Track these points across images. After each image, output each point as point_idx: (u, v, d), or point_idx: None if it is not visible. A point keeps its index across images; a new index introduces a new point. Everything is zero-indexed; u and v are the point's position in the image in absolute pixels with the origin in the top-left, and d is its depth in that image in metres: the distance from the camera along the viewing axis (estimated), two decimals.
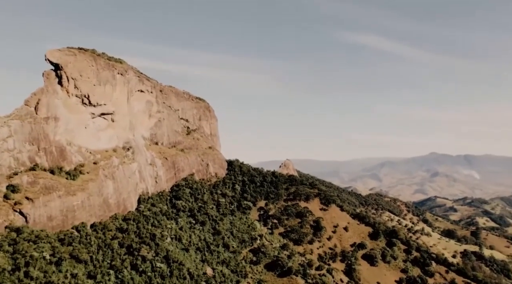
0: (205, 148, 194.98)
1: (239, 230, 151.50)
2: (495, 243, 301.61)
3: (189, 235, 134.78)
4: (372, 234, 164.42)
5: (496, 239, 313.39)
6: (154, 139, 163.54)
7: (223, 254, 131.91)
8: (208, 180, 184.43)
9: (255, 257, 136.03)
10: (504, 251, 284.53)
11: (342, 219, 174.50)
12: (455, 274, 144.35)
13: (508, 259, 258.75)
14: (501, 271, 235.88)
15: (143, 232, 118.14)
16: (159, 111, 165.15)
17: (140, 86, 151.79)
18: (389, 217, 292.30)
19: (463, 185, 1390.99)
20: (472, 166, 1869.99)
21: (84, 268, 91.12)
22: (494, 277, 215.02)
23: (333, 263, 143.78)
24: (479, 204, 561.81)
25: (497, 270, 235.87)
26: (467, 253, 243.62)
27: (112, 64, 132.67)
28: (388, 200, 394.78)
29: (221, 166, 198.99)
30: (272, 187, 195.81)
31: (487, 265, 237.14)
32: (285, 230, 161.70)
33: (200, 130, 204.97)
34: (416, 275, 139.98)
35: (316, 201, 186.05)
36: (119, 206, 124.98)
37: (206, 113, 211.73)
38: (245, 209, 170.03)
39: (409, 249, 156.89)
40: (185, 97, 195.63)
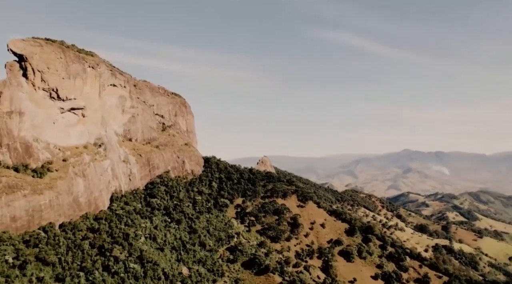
0: (181, 144, 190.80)
1: (216, 228, 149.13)
2: (464, 236, 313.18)
3: (164, 234, 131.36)
4: (349, 231, 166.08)
5: (464, 233, 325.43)
6: (127, 135, 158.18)
7: (199, 253, 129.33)
8: (184, 178, 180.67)
9: (232, 255, 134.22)
10: (472, 244, 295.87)
11: (319, 215, 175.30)
12: (428, 269, 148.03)
13: (476, 252, 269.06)
14: (469, 264, 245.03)
15: (116, 232, 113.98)
16: (133, 107, 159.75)
17: (112, 80, 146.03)
18: (365, 213, 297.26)
19: (434, 181, 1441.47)
20: (442, 163, 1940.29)
21: (52, 271, 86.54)
22: (463, 270, 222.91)
23: (310, 260, 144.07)
24: (449, 199, 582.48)
25: (465, 262, 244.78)
26: (438, 247, 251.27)
27: (82, 57, 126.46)
28: (364, 196, 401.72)
29: (198, 163, 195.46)
30: (249, 184, 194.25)
31: (456, 258, 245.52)
32: (263, 227, 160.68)
33: (176, 126, 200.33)
34: (391, 270, 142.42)
35: (293, 198, 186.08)
36: (90, 205, 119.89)
37: (182, 109, 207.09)
38: (222, 207, 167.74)
39: (384, 245, 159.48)
40: (160, 92, 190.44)
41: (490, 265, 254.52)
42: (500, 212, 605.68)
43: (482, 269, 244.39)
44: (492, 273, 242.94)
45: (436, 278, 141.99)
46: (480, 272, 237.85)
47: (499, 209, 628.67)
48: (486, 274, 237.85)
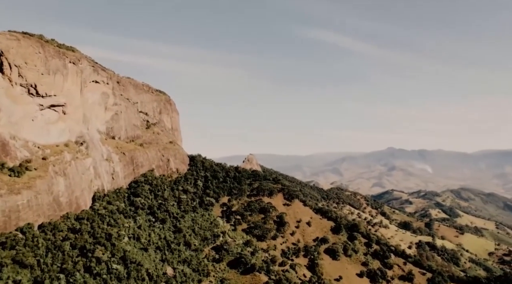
0: (166, 142, 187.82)
1: (201, 228, 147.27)
2: (446, 233, 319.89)
3: (148, 233, 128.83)
4: (334, 229, 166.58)
5: (447, 230, 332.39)
6: (110, 133, 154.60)
7: (184, 253, 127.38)
8: (169, 176, 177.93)
9: (218, 254, 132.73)
10: (454, 241, 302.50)
11: (305, 214, 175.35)
12: (412, 266, 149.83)
13: (457, 248, 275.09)
14: (451, 260, 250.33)
15: (98, 232, 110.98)
16: (116, 104, 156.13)
17: (95, 76, 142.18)
18: (350, 211, 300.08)
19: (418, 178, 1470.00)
20: (425, 161, 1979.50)
21: (30, 274, 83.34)
22: (445, 266, 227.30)
23: (296, 259, 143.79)
24: (431, 197, 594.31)
25: (447, 258, 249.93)
26: (422, 244, 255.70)
27: (62, 52, 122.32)
28: (349, 194, 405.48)
29: (183, 162, 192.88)
30: (235, 183, 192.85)
31: (439, 255, 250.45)
32: (249, 226, 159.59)
33: (160, 124, 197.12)
34: (376, 267, 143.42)
35: (279, 196, 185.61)
36: (72, 204, 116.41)
37: (167, 107, 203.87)
38: (207, 206, 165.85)
39: (369, 242, 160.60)
40: (145, 90, 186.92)
41: (471, 261, 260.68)
42: (480, 208, 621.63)
43: (463, 265, 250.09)
44: (473, 269, 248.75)
45: (420, 275, 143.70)
46: (461, 267, 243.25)
47: (479, 205, 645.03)
48: (467, 269, 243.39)
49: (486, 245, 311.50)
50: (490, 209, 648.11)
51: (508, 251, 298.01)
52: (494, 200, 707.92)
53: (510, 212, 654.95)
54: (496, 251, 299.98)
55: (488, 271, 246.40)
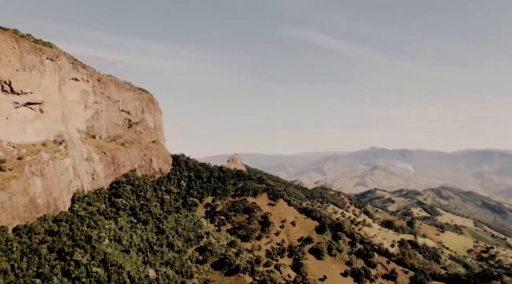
0: (148, 142, 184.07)
1: (185, 228, 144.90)
2: (427, 231, 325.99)
3: (130, 235, 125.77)
4: (319, 228, 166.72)
5: (428, 228, 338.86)
6: (91, 132, 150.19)
7: (167, 255, 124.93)
8: (152, 176, 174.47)
9: (202, 256, 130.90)
10: (435, 239, 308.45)
11: (289, 214, 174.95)
12: (395, 264, 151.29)
13: (438, 246, 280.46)
14: (432, 257, 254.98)
15: (77, 234, 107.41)
16: (96, 102, 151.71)
17: (74, 74, 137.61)
18: (334, 210, 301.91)
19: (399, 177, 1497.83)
20: (407, 160, 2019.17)
21: (3, 279, 79.59)
22: (426, 263, 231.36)
23: (281, 259, 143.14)
24: (413, 195, 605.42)
25: (429, 256, 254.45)
26: (404, 242, 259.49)
27: (39, 48, 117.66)
28: (333, 193, 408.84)
29: (166, 161, 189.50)
30: (219, 183, 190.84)
31: (420, 252, 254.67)
32: (233, 226, 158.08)
33: (143, 123, 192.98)
34: (360, 266, 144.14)
35: (264, 196, 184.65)
36: (49, 206, 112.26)
37: (149, 105, 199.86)
38: (191, 206, 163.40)
39: (353, 242, 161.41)
40: (126, 88, 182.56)
41: (451, 258, 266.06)
42: (459, 207, 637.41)
43: (444, 262, 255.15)
44: (453, 266, 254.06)
45: (402, 273, 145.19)
46: (442, 265, 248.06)
47: (458, 204, 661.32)
48: (447, 266, 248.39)
49: (465, 243, 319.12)
50: (468, 207, 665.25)
51: (485, 248, 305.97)
52: (472, 199, 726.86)
53: (487, 210, 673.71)
54: (474, 248, 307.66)
55: (467, 268, 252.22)
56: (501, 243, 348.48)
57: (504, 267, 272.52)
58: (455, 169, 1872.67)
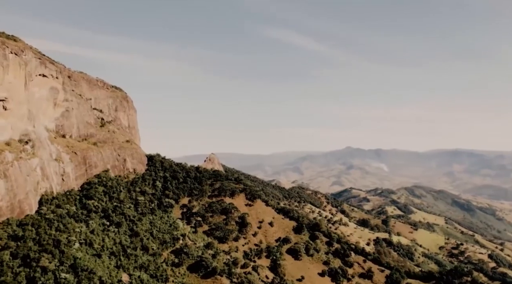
0: (122, 141, 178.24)
1: (160, 230, 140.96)
2: (401, 229, 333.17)
3: (102, 238, 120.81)
4: (296, 228, 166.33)
5: (402, 226, 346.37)
6: (60, 131, 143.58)
7: (142, 258, 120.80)
8: (125, 177, 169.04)
9: (177, 258, 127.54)
10: (408, 236, 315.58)
11: (267, 214, 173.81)
12: (371, 263, 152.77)
13: (412, 244, 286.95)
14: (406, 255, 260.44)
15: (45, 239, 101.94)
16: (66, 100, 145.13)
17: (42, 69, 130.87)
18: (311, 209, 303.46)
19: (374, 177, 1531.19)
20: (381, 160, 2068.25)
21: None
22: (401, 261, 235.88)
23: (258, 260, 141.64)
24: (387, 194, 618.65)
25: (403, 254, 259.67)
26: (379, 240, 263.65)
27: (2, 41, 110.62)
28: (310, 192, 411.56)
29: (140, 161, 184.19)
30: (196, 183, 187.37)
31: (395, 250, 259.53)
32: (210, 227, 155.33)
33: (116, 122, 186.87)
34: (337, 266, 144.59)
35: (241, 196, 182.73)
36: (14, 209, 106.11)
37: (123, 104, 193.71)
38: (166, 207, 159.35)
39: (330, 241, 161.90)
40: (99, 85, 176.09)
41: (424, 255, 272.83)
42: (431, 205, 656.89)
43: (417, 259, 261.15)
44: (426, 263, 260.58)
45: (379, 272, 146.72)
46: (415, 262, 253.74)
47: (430, 202, 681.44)
48: (420, 263, 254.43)
49: (437, 240, 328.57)
50: (440, 205, 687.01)
51: (456, 244, 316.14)
52: (443, 197, 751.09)
53: (457, 208, 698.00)
54: (446, 245, 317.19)
55: (439, 265, 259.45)
56: (469, 239, 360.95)
57: (472, 262, 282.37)
58: (427, 168, 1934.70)
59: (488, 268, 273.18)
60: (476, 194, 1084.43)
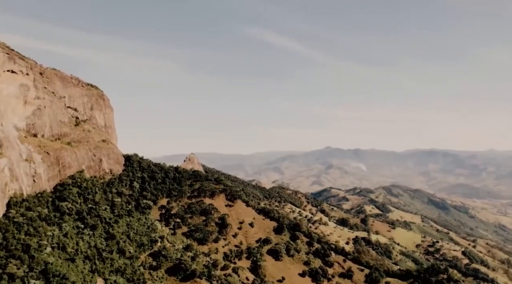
0: (98, 141, 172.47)
1: (137, 233, 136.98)
2: (380, 228, 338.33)
3: (76, 242, 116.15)
4: (277, 229, 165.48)
5: (380, 225, 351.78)
6: (32, 130, 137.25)
7: (118, 261, 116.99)
8: (101, 178, 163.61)
9: (155, 261, 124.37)
10: (386, 235, 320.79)
11: (247, 215, 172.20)
12: (351, 262, 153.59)
13: (389, 242, 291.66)
14: (384, 253, 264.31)
15: (13, 243, 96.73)
16: (38, 97, 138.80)
17: (10, 65, 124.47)
18: (291, 209, 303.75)
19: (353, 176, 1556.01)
20: (360, 159, 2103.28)
21: None
22: (379, 259, 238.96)
23: (239, 261, 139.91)
24: (366, 194, 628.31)
25: (381, 252, 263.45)
26: (358, 239, 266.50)
27: None
28: (290, 192, 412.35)
29: (117, 162, 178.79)
30: (175, 184, 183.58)
31: (373, 249, 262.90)
32: (189, 229, 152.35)
33: (92, 121, 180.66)
34: (318, 266, 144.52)
35: (221, 197, 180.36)
36: None
37: (99, 102, 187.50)
38: (144, 209, 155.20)
39: (311, 241, 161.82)
40: (74, 83, 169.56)
41: (402, 254, 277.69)
42: (408, 204, 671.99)
43: (395, 258, 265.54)
44: (403, 261, 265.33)
45: (358, 271, 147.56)
46: (393, 260, 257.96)
47: (407, 201, 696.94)
48: (398, 261, 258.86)
49: (414, 238, 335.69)
50: (416, 204, 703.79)
51: (432, 242, 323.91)
52: (420, 196, 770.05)
53: (433, 206, 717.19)
54: (422, 243, 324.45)
55: (416, 263, 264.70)
56: (445, 237, 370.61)
57: (447, 259, 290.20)
58: (404, 167, 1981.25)
59: (461, 264, 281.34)
60: (450, 193, 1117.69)
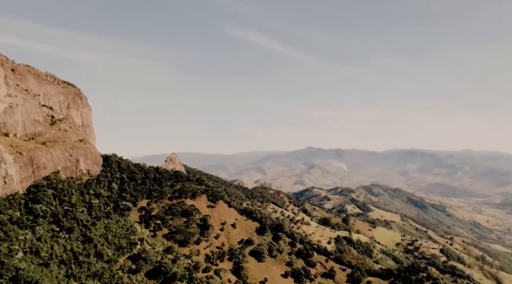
0: (75, 141, 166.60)
1: (116, 235, 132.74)
2: (361, 227, 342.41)
3: (51, 246, 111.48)
4: (259, 229, 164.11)
5: (361, 224, 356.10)
6: (3, 129, 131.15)
7: (95, 265, 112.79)
8: (78, 179, 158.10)
9: (135, 264, 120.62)
10: (367, 234, 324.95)
11: (229, 215, 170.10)
12: (333, 262, 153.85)
13: (370, 241, 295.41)
14: (365, 252, 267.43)
15: None
16: (10, 95, 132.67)
17: None
18: (274, 209, 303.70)
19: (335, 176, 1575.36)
20: (341, 159, 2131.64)
21: None
22: (360, 258, 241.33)
23: (221, 263, 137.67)
24: (347, 193, 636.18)
25: (362, 251, 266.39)
26: (340, 239, 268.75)
27: None
28: (272, 192, 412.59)
29: (95, 162, 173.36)
30: (155, 185, 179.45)
31: (355, 248, 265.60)
32: (170, 231, 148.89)
33: (68, 120, 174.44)
34: (300, 266, 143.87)
35: (203, 198, 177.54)
36: None
37: (76, 101, 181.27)
38: (123, 211, 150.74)
39: (293, 242, 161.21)
40: (49, 80, 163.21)
41: (382, 252, 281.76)
42: (388, 203, 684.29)
43: (376, 256, 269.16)
44: (384, 259, 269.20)
45: (340, 271, 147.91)
46: (374, 259, 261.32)
47: (387, 200, 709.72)
48: (379, 260, 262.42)
49: (394, 237, 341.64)
50: (396, 203, 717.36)
51: (411, 241, 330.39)
52: (399, 195, 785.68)
53: (411, 205, 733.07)
54: (402, 241, 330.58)
55: (396, 261, 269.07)
56: (423, 235, 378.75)
57: (426, 257, 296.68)
58: (383, 167, 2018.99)
59: (439, 262, 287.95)
60: (428, 192, 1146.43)
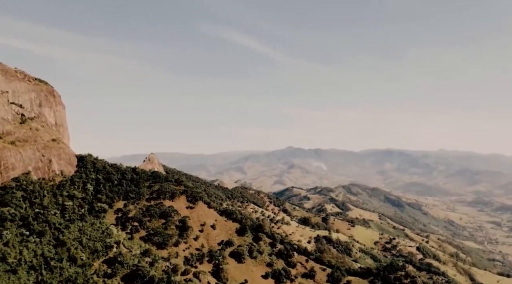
0: (48, 140, 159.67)
1: (91, 238, 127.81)
2: (340, 226, 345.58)
3: (20, 251, 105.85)
4: (240, 230, 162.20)
5: (340, 223, 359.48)
6: None
7: (68, 270, 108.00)
8: (51, 180, 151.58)
9: (110, 268, 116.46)
10: (346, 233, 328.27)
11: (209, 216, 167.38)
12: (314, 262, 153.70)
13: (349, 240, 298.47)
14: (344, 251, 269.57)
15: None
16: None
17: None
18: (254, 209, 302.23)
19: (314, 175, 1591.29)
20: (321, 159, 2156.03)
21: None
22: (340, 257, 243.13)
23: (200, 265, 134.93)
24: (326, 192, 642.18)
25: (342, 250, 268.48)
26: (319, 238, 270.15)
27: None
28: (253, 192, 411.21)
29: (69, 163, 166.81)
30: (132, 186, 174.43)
31: (334, 247, 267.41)
32: (148, 233, 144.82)
33: (40, 118, 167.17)
34: (281, 267, 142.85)
35: (182, 199, 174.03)
36: None
37: (49, 99, 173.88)
38: (98, 213, 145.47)
39: (274, 242, 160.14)
40: (19, 77, 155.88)
41: (361, 251, 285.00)
42: (366, 202, 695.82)
43: (355, 255, 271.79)
44: (362, 258, 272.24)
45: (321, 271, 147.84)
46: (353, 258, 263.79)
47: (365, 199, 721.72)
48: (358, 259, 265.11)
49: (372, 235, 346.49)
50: (374, 202, 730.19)
51: (389, 239, 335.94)
52: (377, 194, 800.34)
53: (389, 204, 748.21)
54: (380, 240, 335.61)
55: (375, 259, 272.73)
56: (400, 234, 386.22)
57: (403, 255, 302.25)
58: (362, 167, 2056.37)
59: (416, 260, 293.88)
60: (405, 191, 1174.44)
